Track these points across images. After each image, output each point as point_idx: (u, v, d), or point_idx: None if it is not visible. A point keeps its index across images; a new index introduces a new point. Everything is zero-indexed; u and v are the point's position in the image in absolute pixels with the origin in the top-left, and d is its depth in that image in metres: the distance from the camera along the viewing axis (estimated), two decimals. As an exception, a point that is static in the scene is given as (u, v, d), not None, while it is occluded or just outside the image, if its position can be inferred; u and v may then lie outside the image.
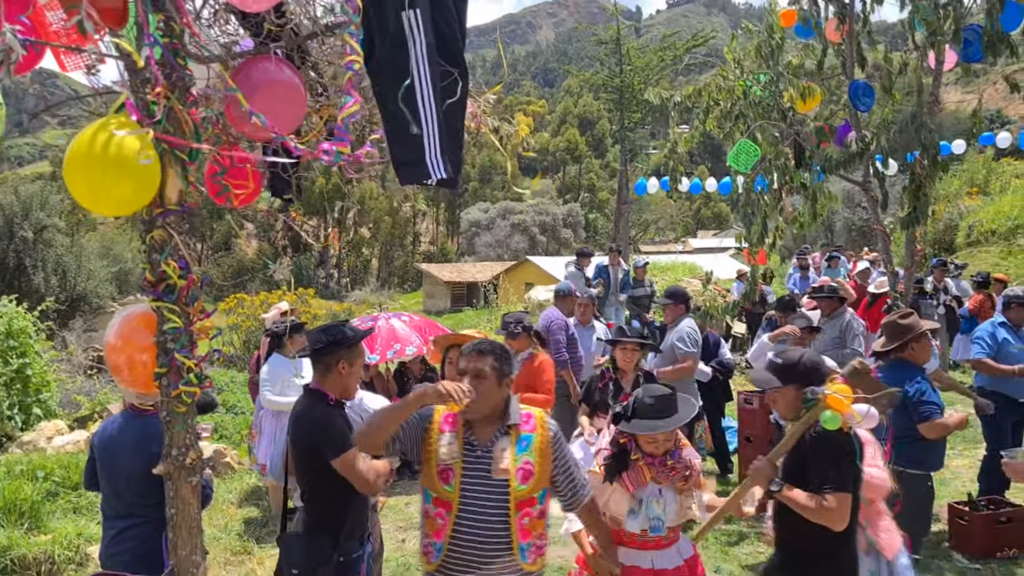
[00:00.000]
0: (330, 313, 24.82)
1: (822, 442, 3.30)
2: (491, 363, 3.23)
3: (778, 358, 3.58)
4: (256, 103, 2.76)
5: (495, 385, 3.23)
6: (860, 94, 6.60)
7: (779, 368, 3.52)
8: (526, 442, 3.27)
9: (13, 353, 8.47)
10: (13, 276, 33.48)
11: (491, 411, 3.26)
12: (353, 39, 2.56)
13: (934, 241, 19.90)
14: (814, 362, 3.53)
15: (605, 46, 31.51)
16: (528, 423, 3.33)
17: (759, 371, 3.68)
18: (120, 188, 2.57)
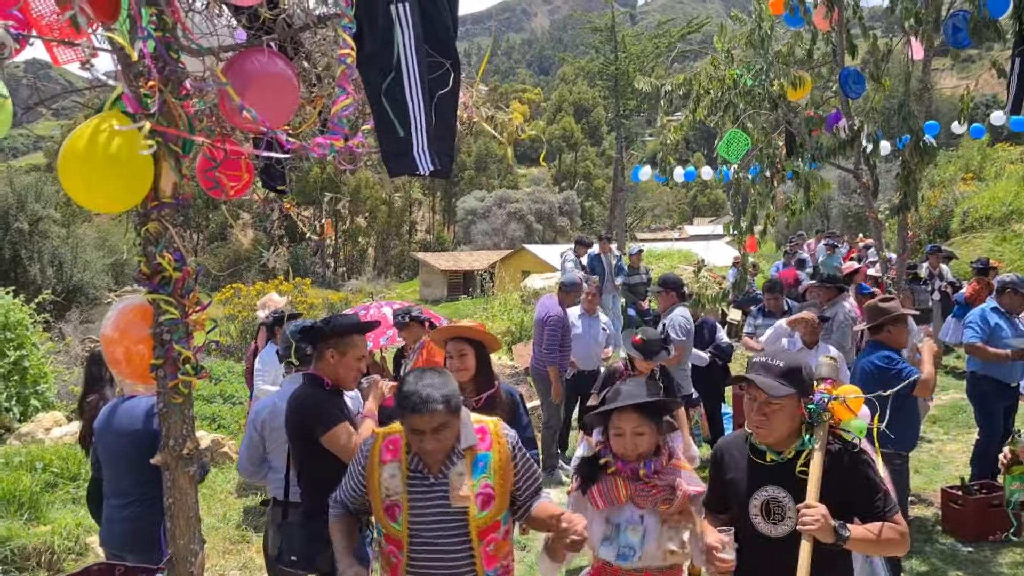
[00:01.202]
0: (326, 302, 24.82)
1: (858, 460, 2.88)
2: (444, 412, 2.82)
3: (778, 360, 2.97)
4: (249, 95, 2.78)
5: (456, 423, 2.92)
6: (850, 81, 6.63)
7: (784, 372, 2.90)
8: (483, 463, 2.98)
9: (10, 345, 8.49)
10: (9, 268, 33.44)
11: (450, 448, 2.95)
12: (347, 32, 2.56)
13: (929, 227, 19.91)
14: (807, 366, 3.04)
15: (600, 33, 31.45)
16: (484, 440, 3.01)
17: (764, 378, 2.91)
18: (115, 184, 2.59)
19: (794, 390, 2.85)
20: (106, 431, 4.11)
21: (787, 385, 2.84)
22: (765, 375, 2.88)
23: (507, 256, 43.09)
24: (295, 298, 16.14)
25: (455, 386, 2.91)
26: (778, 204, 7.46)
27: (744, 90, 7.13)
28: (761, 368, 2.92)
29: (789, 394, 2.82)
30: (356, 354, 3.87)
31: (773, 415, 2.87)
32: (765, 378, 2.88)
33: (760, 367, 2.93)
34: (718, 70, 7.38)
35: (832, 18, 6.79)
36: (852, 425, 2.90)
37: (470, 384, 4.29)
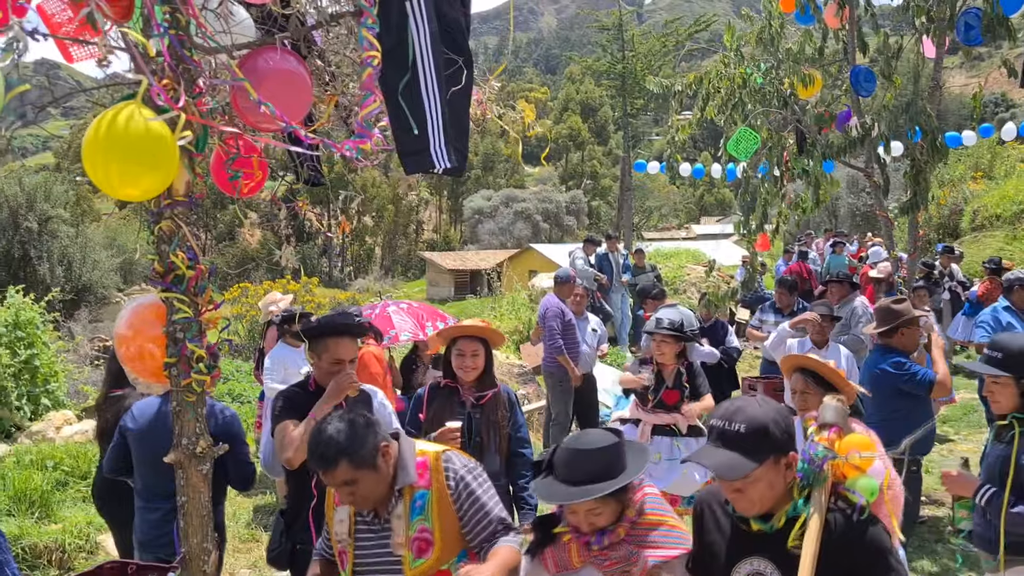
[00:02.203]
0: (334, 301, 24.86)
1: (866, 529, 2.28)
2: (347, 468, 2.56)
3: (737, 423, 2.30)
4: (262, 93, 2.78)
5: (371, 475, 2.61)
6: (861, 79, 6.60)
7: (747, 438, 2.27)
8: (421, 502, 2.67)
9: (21, 344, 8.51)
10: (18, 267, 33.58)
11: (383, 493, 2.68)
12: (371, 33, 2.55)
13: (939, 226, 19.85)
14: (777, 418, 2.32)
15: (607, 32, 31.38)
16: (423, 476, 2.70)
17: (720, 458, 2.29)
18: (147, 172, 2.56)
19: (762, 460, 2.23)
20: (149, 432, 3.99)
21: (751, 457, 2.22)
22: (723, 448, 2.26)
23: (514, 255, 43.06)
24: (303, 298, 16.15)
25: (365, 433, 2.60)
26: (787, 202, 7.44)
27: (754, 88, 7.11)
28: (718, 437, 2.29)
29: (755, 468, 2.22)
30: (329, 358, 3.68)
31: (748, 488, 2.27)
32: (721, 457, 2.26)
33: (717, 435, 2.30)
34: (728, 68, 7.36)
35: (843, 15, 6.76)
36: (860, 485, 2.32)
37: (475, 382, 4.32)
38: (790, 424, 2.31)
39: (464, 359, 4.29)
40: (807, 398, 4.00)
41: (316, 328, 3.77)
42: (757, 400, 2.35)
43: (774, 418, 2.28)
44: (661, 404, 5.66)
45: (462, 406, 4.31)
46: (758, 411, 2.29)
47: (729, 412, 2.31)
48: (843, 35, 6.93)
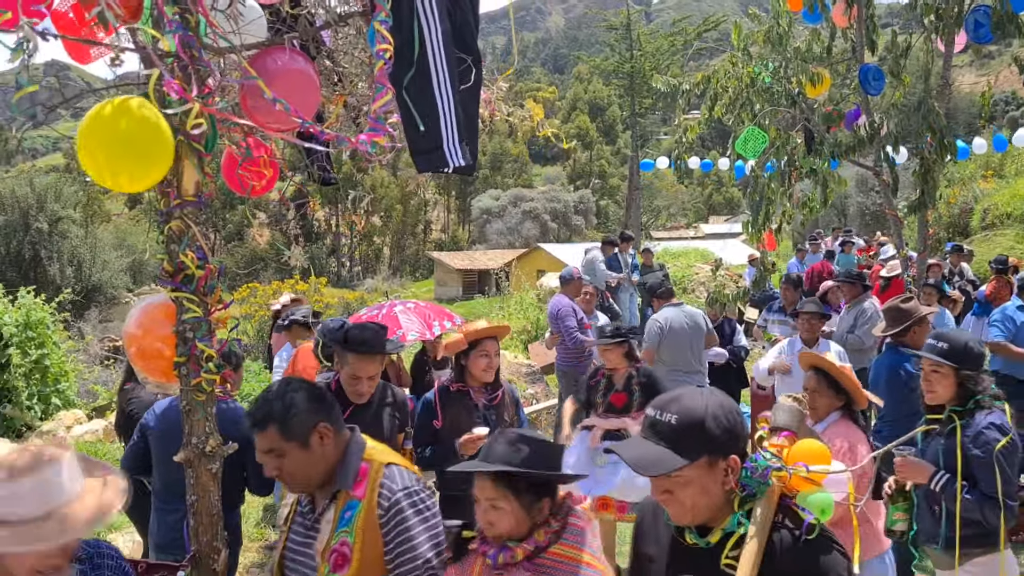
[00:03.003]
0: (342, 302, 24.90)
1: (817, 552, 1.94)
2: (274, 435, 2.41)
3: (669, 413, 1.99)
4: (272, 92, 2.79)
5: (300, 452, 2.43)
6: (870, 78, 6.57)
7: (678, 431, 1.96)
8: (351, 512, 2.43)
9: (32, 344, 8.57)
10: (29, 267, 33.79)
11: (313, 479, 2.49)
12: (384, 27, 2.54)
13: (949, 225, 19.76)
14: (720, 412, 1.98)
15: (615, 32, 31.38)
16: (360, 486, 2.45)
17: (644, 449, 2.00)
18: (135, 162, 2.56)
19: (694, 458, 1.91)
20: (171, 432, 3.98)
21: (681, 453, 1.90)
22: (650, 441, 1.96)
23: (522, 255, 43.09)
24: (312, 298, 16.19)
25: (306, 407, 2.45)
26: (795, 201, 7.42)
27: (762, 87, 7.10)
28: (648, 428, 1.99)
29: (684, 465, 1.90)
30: (349, 371, 3.79)
31: (678, 490, 1.95)
32: (643, 449, 1.96)
33: (648, 426, 2.00)
34: (736, 68, 7.35)
35: (851, 14, 6.74)
36: (811, 500, 2.00)
37: (484, 384, 4.34)
38: (736, 423, 1.97)
39: (490, 359, 4.29)
40: (815, 397, 4.01)
41: (341, 342, 3.79)
42: (703, 391, 2.03)
43: (715, 413, 1.94)
44: (611, 408, 5.55)
45: (475, 408, 4.30)
46: (696, 402, 1.96)
47: (664, 401, 2.01)
48: (851, 34, 6.90)
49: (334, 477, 2.48)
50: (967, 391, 3.56)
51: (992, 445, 3.40)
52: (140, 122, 2.49)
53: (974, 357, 3.59)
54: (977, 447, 3.43)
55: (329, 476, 2.49)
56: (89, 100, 4.09)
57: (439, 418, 4.28)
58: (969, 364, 3.57)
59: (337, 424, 2.52)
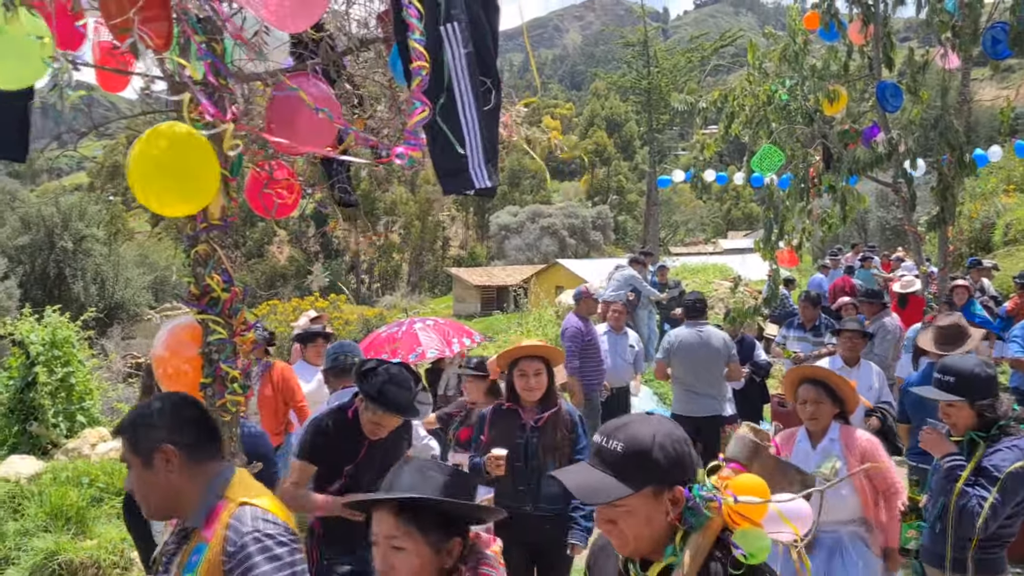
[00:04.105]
0: (361, 318, 25.02)
1: None
2: (124, 446, 2.29)
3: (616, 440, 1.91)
4: (297, 117, 2.85)
5: (142, 471, 2.24)
6: (888, 95, 6.57)
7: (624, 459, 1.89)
8: (197, 557, 2.16)
9: (57, 362, 8.69)
10: (53, 285, 34.21)
11: (155, 505, 2.28)
12: (420, 44, 2.59)
13: (970, 240, 19.60)
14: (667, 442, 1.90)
15: (633, 48, 31.50)
16: (210, 526, 2.18)
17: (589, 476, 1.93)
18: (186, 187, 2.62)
19: (639, 488, 1.84)
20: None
21: (626, 482, 1.83)
22: (596, 468, 1.89)
23: (541, 271, 43.11)
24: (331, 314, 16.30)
25: (153, 422, 2.26)
26: (814, 218, 7.41)
27: (779, 105, 7.11)
28: (594, 455, 1.92)
29: (628, 494, 1.83)
30: (375, 421, 3.83)
31: (621, 520, 1.88)
32: (588, 476, 1.88)
33: (594, 453, 1.93)
34: (752, 86, 7.37)
35: (867, 32, 6.75)
36: (744, 538, 1.90)
37: (537, 403, 4.29)
38: (683, 453, 1.91)
39: (527, 379, 4.26)
40: (819, 408, 4.00)
41: (375, 399, 3.77)
42: (653, 418, 1.97)
43: (663, 442, 1.87)
44: (458, 441, 5.50)
45: (522, 428, 4.27)
46: (644, 430, 1.89)
47: (611, 428, 1.94)
48: (868, 51, 6.92)
49: (187, 512, 2.25)
50: (987, 419, 3.51)
51: (1006, 465, 3.37)
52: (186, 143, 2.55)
53: (984, 384, 3.51)
54: (992, 462, 3.40)
55: (181, 509, 2.26)
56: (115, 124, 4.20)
57: (486, 434, 4.38)
58: (980, 393, 3.50)
59: (190, 451, 2.27)
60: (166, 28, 2.67)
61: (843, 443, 3.92)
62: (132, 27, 2.34)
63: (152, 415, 2.28)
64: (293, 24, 2.90)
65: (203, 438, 2.35)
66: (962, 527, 3.42)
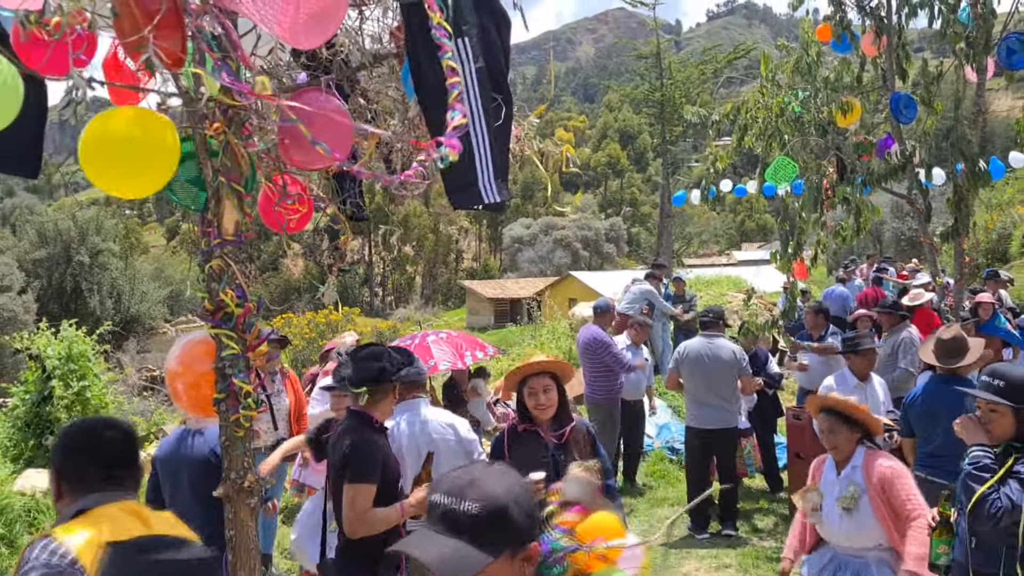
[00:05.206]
0: (375, 331, 25.06)
1: None
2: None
3: (469, 502, 1.64)
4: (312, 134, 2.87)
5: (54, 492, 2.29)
6: (901, 106, 6.54)
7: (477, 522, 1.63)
8: None
9: (74, 376, 8.72)
10: (70, 299, 34.47)
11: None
12: (453, 62, 2.60)
13: (987, 251, 19.47)
14: (516, 500, 1.68)
15: (645, 60, 31.51)
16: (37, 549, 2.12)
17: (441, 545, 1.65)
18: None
19: (499, 552, 1.62)
20: (182, 460, 4.14)
21: (484, 548, 1.61)
22: (446, 535, 1.63)
23: (554, 283, 43.09)
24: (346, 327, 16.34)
25: (68, 446, 2.36)
26: (828, 230, 7.37)
27: (792, 117, 7.10)
28: (441, 520, 1.65)
29: (490, 562, 1.61)
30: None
31: None
32: (443, 547, 1.61)
33: (440, 517, 1.66)
34: (765, 97, 7.36)
35: (880, 44, 6.73)
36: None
37: (552, 420, 4.15)
38: (534, 505, 1.75)
39: (537, 397, 4.11)
40: (835, 437, 4.00)
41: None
42: (497, 469, 1.78)
43: (517, 496, 1.67)
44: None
45: (545, 448, 4.09)
46: (497, 486, 1.68)
47: (459, 485, 1.68)
48: (881, 63, 6.89)
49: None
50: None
51: None
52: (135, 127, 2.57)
53: None
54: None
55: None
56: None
57: (505, 458, 4.15)
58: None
59: (67, 480, 2.35)
60: (180, 45, 2.69)
61: (864, 470, 3.88)
62: (147, 44, 2.35)
63: (71, 441, 2.37)
64: (307, 41, 2.91)
65: (83, 469, 2.35)
66: (976, 520, 3.36)
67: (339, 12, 2.70)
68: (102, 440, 2.44)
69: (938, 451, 5.06)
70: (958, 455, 4.78)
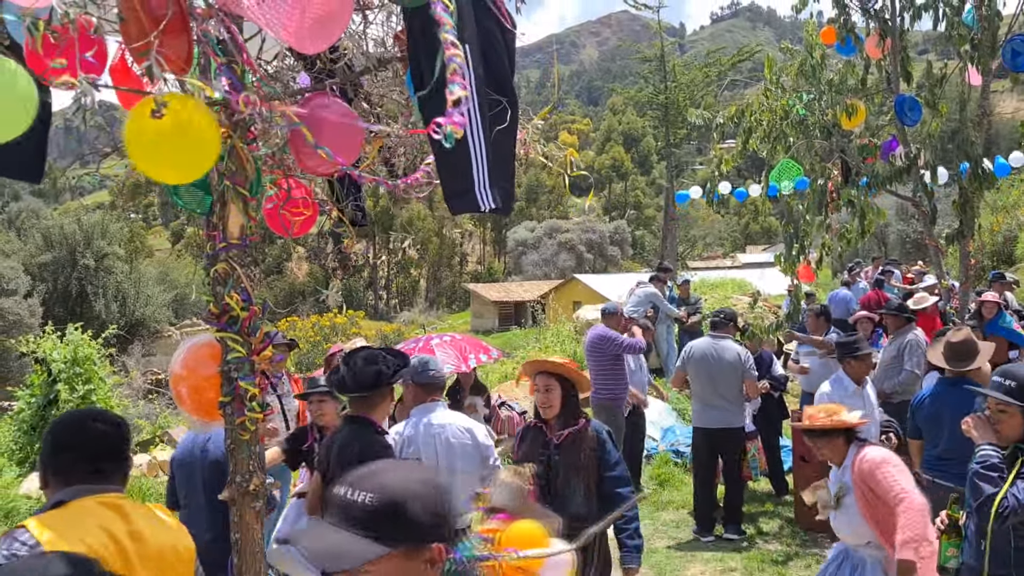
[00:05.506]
0: (379, 334, 25.07)
1: None
2: None
3: (364, 493, 1.60)
4: (318, 137, 2.87)
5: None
6: (906, 108, 6.54)
7: (371, 517, 1.57)
8: None
9: (79, 380, 8.76)
10: (75, 303, 34.54)
11: None
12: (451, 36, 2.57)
13: (993, 253, 19.42)
14: (426, 494, 1.63)
15: (649, 63, 31.54)
16: None
17: (329, 541, 1.59)
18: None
19: (393, 547, 1.55)
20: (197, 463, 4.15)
21: (377, 540, 1.54)
22: (339, 527, 1.58)
23: (558, 286, 43.09)
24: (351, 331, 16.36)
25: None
26: (833, 232, 7.37)
27: (796, 120, 7.10)
28: (337, 511, 1.61)
29: (380, 556, 1.54)
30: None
31: None
32: (330, 538, 1.56)
33: (336, 509, 1.61)
34: (770, 100, 7.36)
35: (884, 46, 6.73)
36: None
37: (556, 420, 4.25)
38: (444, 504, 1.65)
39: (539, 395, 4.27)
40: (822, 452, 4.12)
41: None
42: (406, 464, 1.74)
43: (418, 492, 1.61)
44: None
45: (546, 446, 4.22)
46: (396, 478, 1.63)
47: (357, 477, 1.64)
48: (885, 65, 6.89)
49: None
50: None
51: None
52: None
53: None
54: None
55: None
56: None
57: (516, 451, 4.43)
58: None
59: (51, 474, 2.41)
60: (186, 50, 2.70)
61: (851, 468, 3.93)
62: (151, 49, 2.36)
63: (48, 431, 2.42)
64: (312, 45, 2.92)
65: (63, 463, 2.39)
66: (982, 518, 3.36)
67: (344, 16, 2.70)
68: (90, 433, 2.48)
69: (944, 454, 5.05)
70: (964, 458, 4.77)
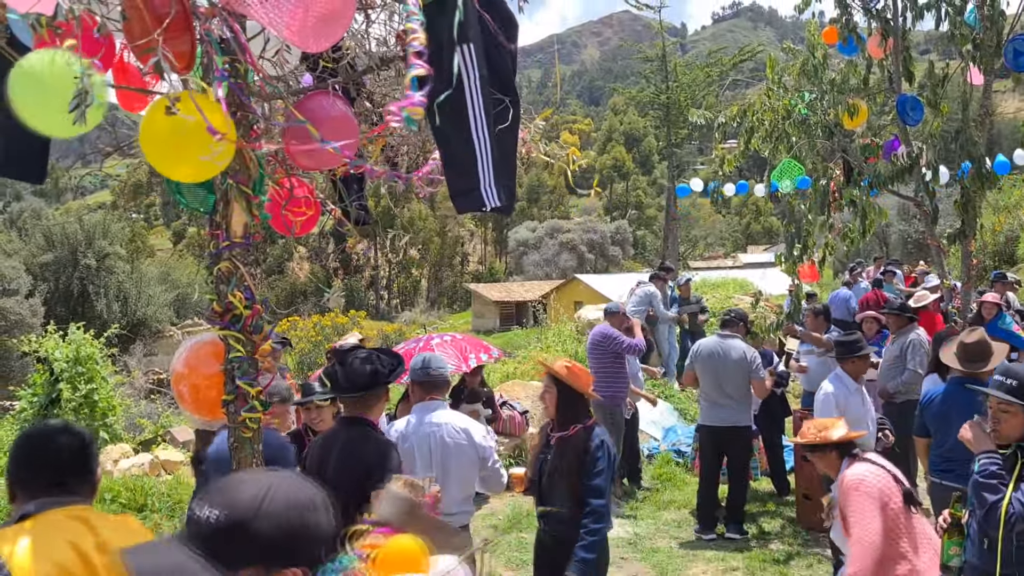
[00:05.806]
0: (380, 334, 25.08)
1: None
2: None
3: (215, 508, 1.45)
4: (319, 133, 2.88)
5: None
6: (908, 108, 6.53)
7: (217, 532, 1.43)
8: None
9: (81, 379, 8.77)
10: (77, 303, 34.57)
11: None
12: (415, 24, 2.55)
13: (994, 253, 19.39)
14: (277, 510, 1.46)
15: (651, 63, 31.56)
16: None
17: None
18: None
19: (232, 569, 1.40)
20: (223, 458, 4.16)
21: (215, 560, 1.37)
22: (185, 542, 1.42)
23: (560, 286, 43.07)
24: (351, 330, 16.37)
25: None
26: (835, 232, 7.37)
27: (798, 120, 7.10)
28: (187, 525, 1.49)
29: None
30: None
31: None
32: (164, 555, 1.39)
33: (188, 523, 1.49)
34: (771, 100, 7.36)
35: (887, 46, 6.72)
36: None
37: (555, 421, 4.35)
38: (307, 522, 1.49)
39: (543, 396, 4.41)
40: (821, 465, 4.18)
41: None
42: (270, 477, 1.54)
43: (271, 509, 1.45)
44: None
45: (546, 446, 4.35)
46: (249, 493, 1.46)
47: (212, 490, 1.49)
48: (887, 65, 6.89)
49: None
50: None
51: None
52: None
53: None
54: None
55: None
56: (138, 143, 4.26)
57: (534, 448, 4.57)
58: None
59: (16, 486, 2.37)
60: (189, 49, 2.71)
61: (840, 481, 3.92)
62: (156, 47, 2.36)
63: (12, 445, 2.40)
64: (315, 44, 2.93)
65: (29, 477, 2.39)
66: (990, 526, 3.35)
67: (347, 15, 2.70)
68: (53, 448, 2.45)
69: (950, 454, 5.04)
70: (970, 458, 4.76)
